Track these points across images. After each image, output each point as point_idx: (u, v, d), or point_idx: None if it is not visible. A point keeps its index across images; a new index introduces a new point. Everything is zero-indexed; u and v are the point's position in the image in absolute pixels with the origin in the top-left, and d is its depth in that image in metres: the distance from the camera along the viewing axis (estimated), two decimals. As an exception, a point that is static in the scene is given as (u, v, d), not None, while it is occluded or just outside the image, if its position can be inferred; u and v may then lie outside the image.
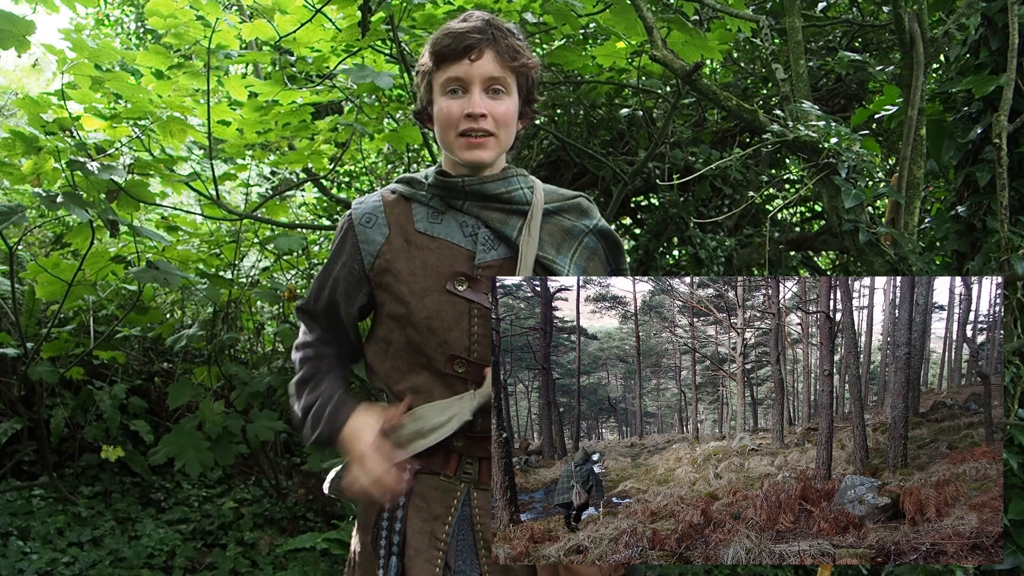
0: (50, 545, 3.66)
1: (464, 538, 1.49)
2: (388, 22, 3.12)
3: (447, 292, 1.48)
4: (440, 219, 1.54)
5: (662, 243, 4.54)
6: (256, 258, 4.68)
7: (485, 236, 1.53)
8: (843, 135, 2.56)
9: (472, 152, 1.48)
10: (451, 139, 1.49)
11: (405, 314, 1.49)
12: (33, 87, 8.19)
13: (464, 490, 1.50)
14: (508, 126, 1.50)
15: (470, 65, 1.45)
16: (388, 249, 1.52)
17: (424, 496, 1.50)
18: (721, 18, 3.48)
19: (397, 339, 1.52)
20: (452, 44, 1.45)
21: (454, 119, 1.47)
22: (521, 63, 1.49)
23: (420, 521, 1.48)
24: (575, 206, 1.62)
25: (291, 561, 3.63)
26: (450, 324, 1.47)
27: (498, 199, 1.53)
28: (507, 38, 1.48)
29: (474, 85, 1.46)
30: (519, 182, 1.55)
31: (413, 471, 1.50)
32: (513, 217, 1.54)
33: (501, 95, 1.48)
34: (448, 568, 1.47)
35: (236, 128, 3.62)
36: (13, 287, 3.56)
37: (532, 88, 1.55)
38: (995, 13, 2.71)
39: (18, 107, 3.82)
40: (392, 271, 1.51)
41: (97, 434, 4.16)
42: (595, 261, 1.63)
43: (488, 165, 1.52)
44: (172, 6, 3.02)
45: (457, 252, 1.51)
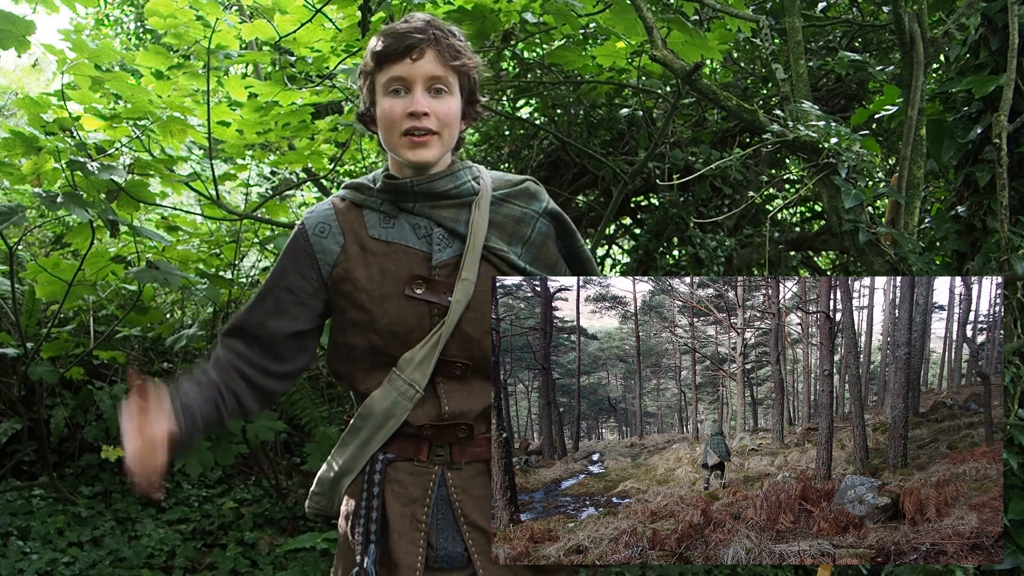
0: (50, 545, 3.66)
1: (444, 517, 1.53)
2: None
3: (406, 297, 1.50)
4: (392, 223, 1.55)
5: (662, 243, 4.54)
6: (256, 258, 4.67)
7: (440, 235, 1.54)
8: (843, 135, 2.56)
9: (415, 151, 1.49)
10: (395, 139, 1.50)
11: (367, 320, 1.51)
12: (33, 87, 8.19)
13: (438, 472, 1.54)
14: (451, 125, 1.52)
15: (412, 64, 1.46)
16: (345, 258, 1.54)
17: (400, 481, 1.54)
18: (721, 18, 3.48)
19: (360, 343, 1.53)
20: (393, 44, 1.47)
21: (397, 118, 1.48)
22: (462, 63, 1.51)
23: (400, 505, 1.52)
24: (523, 191, 1.63)
25: (291, 561, 3.63)
26: (412, 326, 1.51)
27: (447, 196, 1.54)
28: (448, 38, 1.50)
29: (416, 84, 1.47)
30: (466, 175, 1.57)
31: (386, 460, 1.54)
32: (464, 211, 1.55)
33: (443, 94, 1.49)
34: (431, 547, 1.51)
35: (236, 128, 3.62)
36: (13, 287, 3.56)
37: (475, 88, 1.57)
38: (995, 13, 2.71)
39: (18, 107, 3.82)
40: (351, 279, 1.52)
41: (97, 434, 4.16)
42: (548, 245, 1.63)
43: (432, 164, 1.53)
44: (172, 6, 3.02)
45: (413, 255, 1.53)
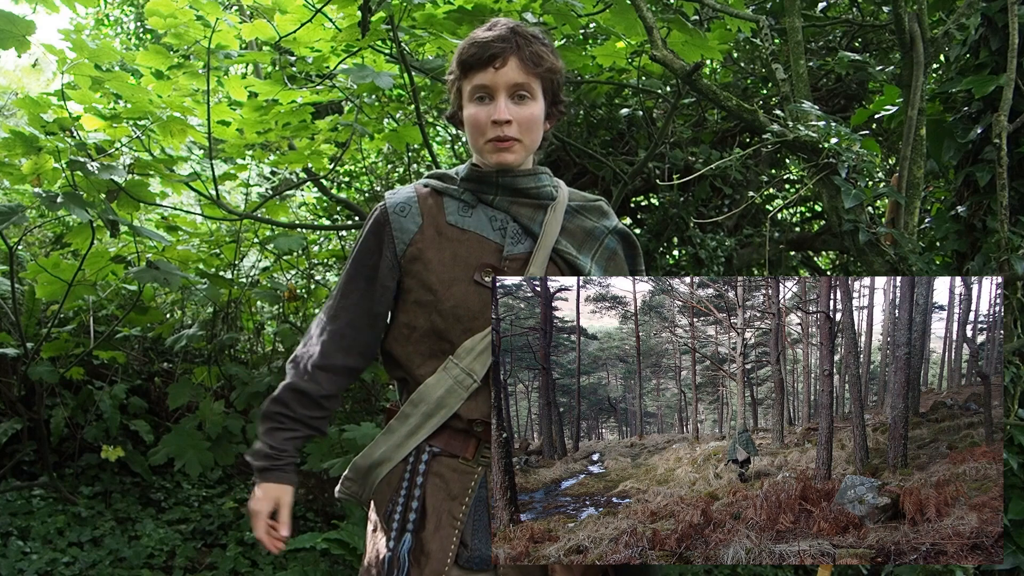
0: (50, 545, 3.66)
1: (480, 518, 1.55)
2: (388, 22, 3.12)
3: (474, 283, 1.55)
4: (470, 213, 1.61)
5: (662, 243, 4.54)
6: (256, 258, 4.68)
7: (514, 230, 1.60)
8: (843, 135, 2.56)
9: (499, 156, 1.55)
10: (480, 144, 1.56)
11: (432, 301, 1.55)
12: (33, 87, 8.20)
13: (481, 473, 1.58)
14: (534, 130, 1.57)
15: (495, 73, 1.51)
16: (420, 238, 1.58)
17: (443, 476, 1.56)
18: (721, 18, 3.48)
19: (422, 325, 1.57)
20: (477, 53, 1.52)
21: (482, 125, 1.54)
22: (545, 68, 1.56)
23: (439, 499, 1.54)
24: (596, 208, 1.73)
25: (291, 561, 3.63)
26: (475, 313, 1.54)
27: (527, 194, 1.60)
28: (531, 45, 1.54)
29: (499, 92, 1.52)
30: (547, 179, 1.64)
31: (432, 453, 1.57)
32: (540, 212, 1.62)
33: (526, 100, 1.55)
34: (464, 546, 1.53)
35: (236, 128, 3.62)
36: (13, 287, 3.56)
37: (557, 90, 1.62)
38: (995, 13, 2.71)
39: (18, 107, 3.82)
40: (423, 259, 1.57)
41: (97, 434, 4.16)
42: (615, 262, 1.73)
43: (516, 166, 1.59)
44: (172, 6, 3.02)
45: (486, 245, 1.58)
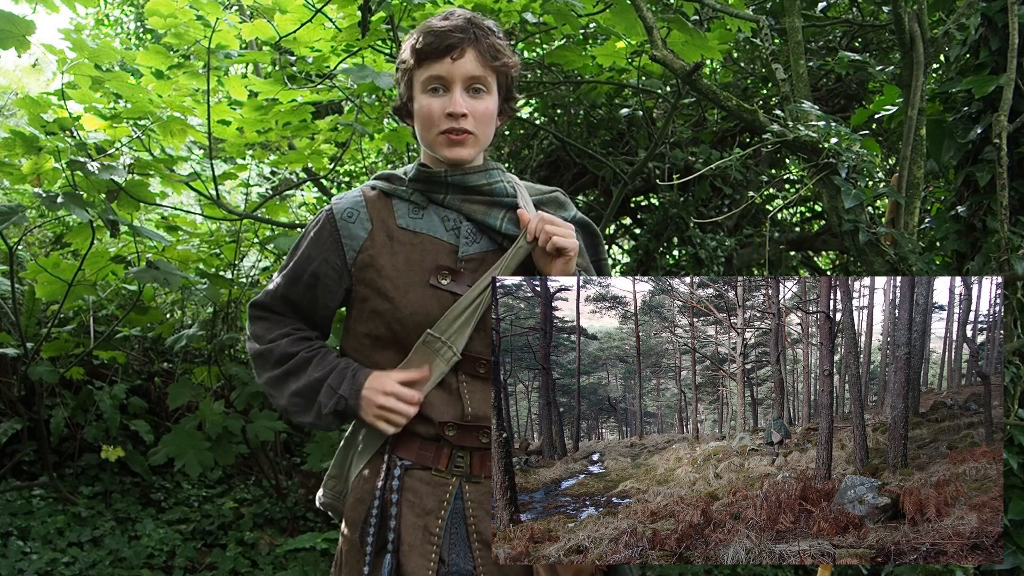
0: (50, 545, 3.65)
1: (457, 532, 1.50)
2: (388, 22, 3.13)
3: (431, 286, 1.50)
4: (421, 214, 1.56)
5: (662, 243, 4.54)
6: (256, 258, 4.67)
7: (468, 229, 1.55)
8: (843, 135, 2.56)
9: (453, 150, 1.50)
10: (432, 137, 1.51)
11: (390, 309, 1.50)
12: (33, 87, 8.19)
13: (456, 484, 1.52)
14: (488, 124, 1.53)
15: (452, 64, 1.47)
16: (371, 244, 1.53)
17: (416, 491, 1.50)
18: (721, 18, 3.48)
19: (384, 334, 1.53)
20: (434, 43, 1.47)
21: (435, 118, 1.49)
22: (502, 63, 1.51)
23: (413, 516, 1.49)
24: (553, 199, 1.66)
25: (291, 561, 3.63)
26: (435, 317, 1.49)
27: (479, 191, 1.55)
28: (488, 37, 1.50)
29: (455, 84, 1.48)
30: (499, 175, 1.58)
31: (403, 467, 1.51)
32: (495, 208, 1.55)
33: (482, 94, 1.50)
34: (442, 562, 1.48)
35: (236, 128, 3.62)
36: (13, 287, 3.56)
37: (511, 86, 1.58)
38: (995, 13, 2.71)
39: (18, 107, 3.82)
40: (375, 266, 1.52)
41: (97, 434, 4.16)
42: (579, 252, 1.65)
43: (468, 161, 1.54)
44: (172, 6, 3.02)
45: (440, 246, 1.53)
